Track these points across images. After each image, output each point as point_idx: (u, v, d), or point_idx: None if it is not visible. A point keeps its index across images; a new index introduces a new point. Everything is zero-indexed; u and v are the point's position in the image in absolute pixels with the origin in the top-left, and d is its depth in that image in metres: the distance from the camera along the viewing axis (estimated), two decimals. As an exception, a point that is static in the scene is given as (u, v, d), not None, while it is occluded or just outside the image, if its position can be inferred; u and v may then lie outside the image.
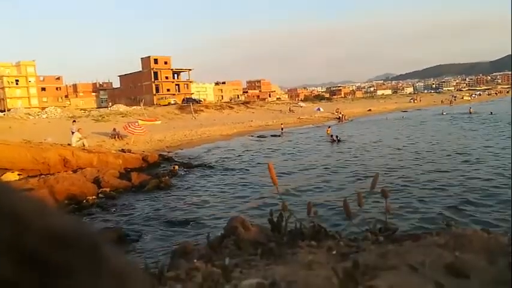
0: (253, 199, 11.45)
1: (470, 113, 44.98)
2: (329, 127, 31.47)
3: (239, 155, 21.08)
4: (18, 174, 13.37)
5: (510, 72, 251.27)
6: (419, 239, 1.66)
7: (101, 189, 12.44)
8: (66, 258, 0.35)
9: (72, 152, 15.52)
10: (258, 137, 30.93)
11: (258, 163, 17.69)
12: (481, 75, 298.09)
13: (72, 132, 19.90)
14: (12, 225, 0.34)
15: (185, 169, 16.32)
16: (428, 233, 1.76)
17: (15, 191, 0.39)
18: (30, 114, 40.72)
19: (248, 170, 16.35)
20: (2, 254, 0.33)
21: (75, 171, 13.96)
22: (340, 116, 48.53)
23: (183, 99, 65.56)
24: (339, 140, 25.07)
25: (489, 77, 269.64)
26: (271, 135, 31.49)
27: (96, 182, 12.86)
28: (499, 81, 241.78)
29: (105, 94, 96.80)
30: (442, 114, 45.92)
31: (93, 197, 11.77)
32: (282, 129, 35.19)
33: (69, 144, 17.74)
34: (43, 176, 13.02)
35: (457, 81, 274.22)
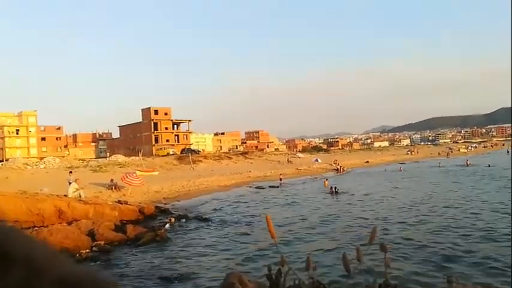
0: (251, 253, 11.16)
1: (468, 165, 45.14)
2: (326, 179, 31.42)
3: (237, 207, 20.84)
4: (12, 226, 13.10)
5: (504, 125, 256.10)
6: (420, 296, 1.63)
7: (95, 242, 12.14)
8: None
9: (67, 203, 15.33)
10: (256, 188, 30.77)
11: (256, 215, 17.46)
12: (475, 127, 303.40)
13: (69, 183, 19.80)
14: (26, 270, 0.36)
15: (182, 221, 16.07)
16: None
17: (30, 237, 0.41)
18: (28, 164, 40.68)
19: (246, 222, 16.09)
20: None
21: (69, 223, 13.71)
22: (339, 167, 48.66)
23: (182, 150, 65.97)
24: (336, 192, 24.97)
25: (484, 130, 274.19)
26: (270, 186, 31.33)
27: (91, 234, 12.59)
28: (494, 133, 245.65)
29: (104, 144, 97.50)
30: (440, 166, 46.06)
31: (87, 250, 11.46)
32: (280, 179, 35.44)
33: (65, 195, 17.58)
34: (36, 228, 12.76)
35: (453, 133, 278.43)
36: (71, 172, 23.97)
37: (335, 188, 25.58)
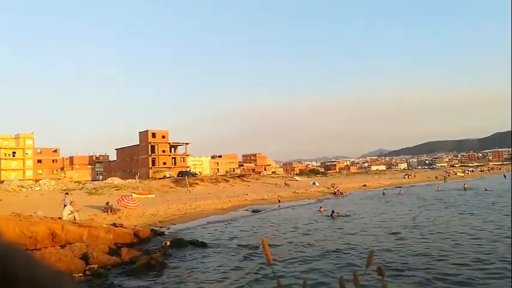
0: (247, 276, 10.96)
1: (465, 189, 45.32)
2: (321, 207, 30.33)
3: (233, 230, 20.61)
4: (3, 249, 12.87)
5: (500, 149, 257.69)
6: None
7: (89, 265, 11.92)
8: None
9: (62, 226, 15.13)
10: (253, 211, 30.49)
11: (253, 238, 17.25)
12: (472, 152, 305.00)
13: (65, 205, 19.54)
14: None
15: (177, 245, 15.82)
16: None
17: (32, 257, 0.42)
18: (23, 187, 40.33)
19: (243, 245, 15.86)
20: None
21: (63, 246, 13.49)
22: (336, 190, 48.45)
23: (179, 173, 65.72)
24: (332, 215, 24.85)
25: (480, 154, 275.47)
26: (266, 210, 31.08)
27: (84, 258, 12.37)
28: (490, 158, 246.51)
29: (101, 167, 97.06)
30: (438, 190, 46.10)
31: (80, 274, 11.24)
32: (279, 201, 35.51)
33: (60, 218, 17.36)
34: (29, 251, 12.54)
35: (449, 157, 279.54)
36: (67, 193, 23.67)
37: (333, 211, 25.46)
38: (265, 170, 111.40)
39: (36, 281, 0.38)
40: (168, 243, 15.63)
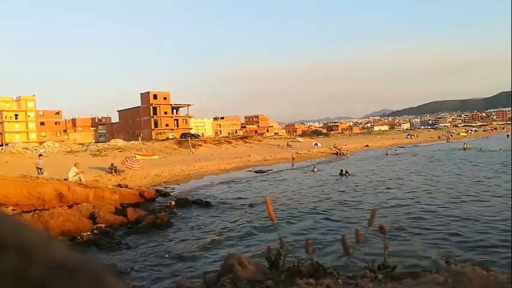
0: (251, 235, 11.27)
1: (465, 149, 45.92)
2: (315, 167, 30.91)
3: (237, 190, 20.95)
4: (12, 210, 13.18)
5: (505, 109, 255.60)
6: (418, 277, 1.64)
7: (96, 225, 12.24)
8: (69, 287, 0.37)
9: (68, 187, 15.38)
10: (255, 172, 30.85)
11: (256, 198, 17.54)
12: (476, 111, 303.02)
13: (39, 168, 20.95)
14: (18, 256, 0.36)
15: (181, 205, 16.15)
16: (427, 270, 1.75)
17: (21, 222, 0.41)
18: (27, 149, 40.70)
19: (245, 205, 16.19)
20: (8, 283, 0.34)
21: (70, 207, 13.78)
22: (338, 151, 48.68)
23: (182, 134, 65.96)
24: (341, 174, 25.45)
25: (484, 114, 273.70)
26: (269, 170, 31.43)
27: (92, 217, 12.68)
28: (494, 117, 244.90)
29: (103, 129, 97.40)
30: (439, 150, 46.45)
31: (88, 233, 11.56)
32: (293, 159, 40.27)
33: (65, 179, 17.64)
34: (38, 211, 12.84)
35: (453, 117, 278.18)
36: (40, 155, 23.81)
37: (342, 170, 25.92)
38: (267, 131, 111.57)
39: (26, 246, 0.37)
40: (173, 203, 15.96)
